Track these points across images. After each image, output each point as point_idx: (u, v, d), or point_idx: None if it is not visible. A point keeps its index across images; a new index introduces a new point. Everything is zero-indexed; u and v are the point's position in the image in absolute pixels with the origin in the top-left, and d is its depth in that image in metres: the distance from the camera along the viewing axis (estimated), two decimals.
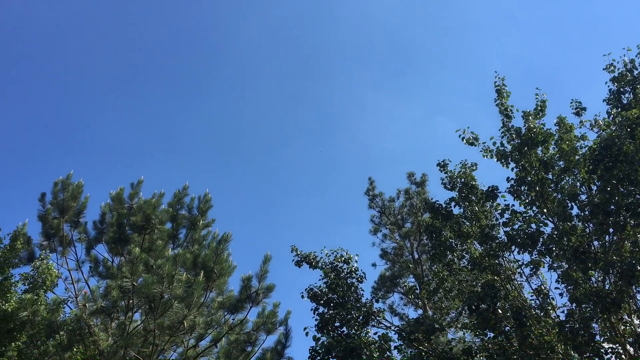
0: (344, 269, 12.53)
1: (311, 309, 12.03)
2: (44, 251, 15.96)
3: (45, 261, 15.76)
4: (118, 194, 16.42)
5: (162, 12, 49.83)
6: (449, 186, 12.87)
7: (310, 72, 53.70)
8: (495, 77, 12.99)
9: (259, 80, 52.43)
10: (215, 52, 51.68)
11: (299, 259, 12.97)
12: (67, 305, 14.64)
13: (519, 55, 50.31)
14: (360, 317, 11.64)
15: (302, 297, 12.29)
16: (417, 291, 17.85)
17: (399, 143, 51.72)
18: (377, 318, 12.05)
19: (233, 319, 13.75)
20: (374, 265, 23.47)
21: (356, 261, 12.65)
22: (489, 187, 12.37)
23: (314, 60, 53.34)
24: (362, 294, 12.31)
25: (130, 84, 49.90)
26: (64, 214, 15.94)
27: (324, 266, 12.64)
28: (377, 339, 11.26)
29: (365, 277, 12.48)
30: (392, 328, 12.40)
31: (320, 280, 12.52)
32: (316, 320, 11.82)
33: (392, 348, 11.16)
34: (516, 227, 11.67)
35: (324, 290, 12.21)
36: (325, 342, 10.74)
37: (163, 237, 14.84)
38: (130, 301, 13.10)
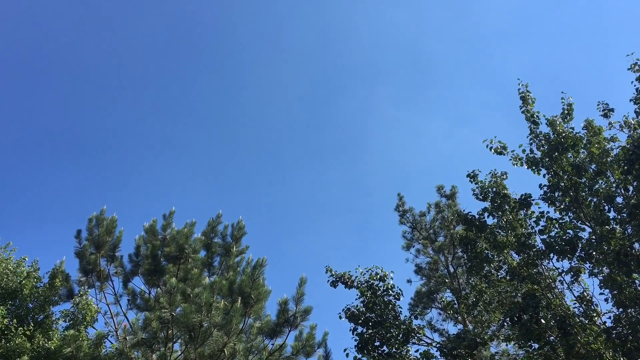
0: (380, 286, 12.45)
1: (350, 329, 11.97)
2: (82, 287, 16.24)
3: (84, 297, 16.03)
4: (151, 225, 16.69)
5: (180, 46, 50.85)
6: (480, 197, 12.73)
7: (329, 95, 54.03)
8: (519, 85, 12.92)
9: (281, 106, 52.92)
10: (235, 83, 52.43)
11: (334, 279, 12.93)
12: (108, 340, 14.81)
13: (537, 62, 49.91)
14: (400, 335, 11.52)
15: (340, 317, 12.24)
16: (456, 305, 17.61)
17: (424, 157, 51.46)
18: (417, 335, 11.89)
19: (272, 344, 13.71)
20: (409, 281, 23.22)
21: (392, 278, 12.58)
22: (521, 195, 12.20)
23: (333, 82, 53.71)
24: (400, 311, 12.20)
25: (153, 114, 50.86)
26: (100, 249, 16.23)
27: (359, 285, 12.58)
28: (418, 356, 11.13)
29: (402, 294, 12.38)
30: (433, 345, 12.23)
31: (356, 299, 12.47)
32: (355, 340, 11.73)
33: None
34: (553, 234, 11.46)
35: (361, 309, 12.14)
36: None
37: (197, 265, 14.96)
38: (170, 332, 13.19)
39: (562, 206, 11.88)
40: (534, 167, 12.31)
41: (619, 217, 11.08)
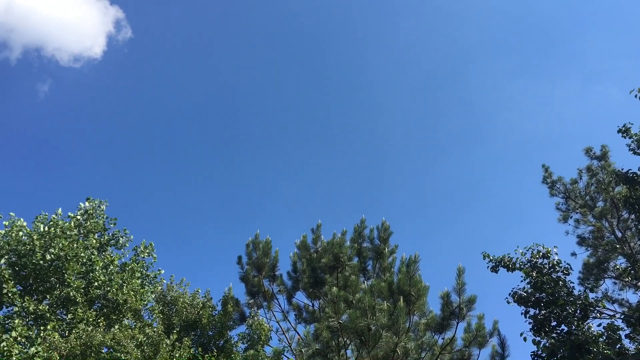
0: (545, 264, 11.85)
1: (521, 313, 11.55)
2: (252, 309, 17.33)
3: (255, 318, 17.09)
4: (302, 241, 17.45)
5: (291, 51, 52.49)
6: (638, 150, 11.70)
7: (448, 80, 52.55)
8: None
9: (395, 103, 52.34)
10: (349, 80, 52.90)
11: (493, 264, 12.53)
12: (285, 355, 15.61)
13: None
14: (578, 311, 10.87)
15: (508, 302, 11.85)
16: (632, 271, 16.20)
17: (560, 123, 48.11)
18: (597, 308, 11.14)
19: (442, 339, 13.57)
20: (573, 254, 21.76)
21: (556, 254, 11.92)
22: None
23: (450, 66, 52.19)
24: (573, 287, 11.52)
25: (283, 134, 52.92)
26: (261, 271, 17.19)
27: (522, 266, 12.07)
28: (602, 330, 10.41)
29: (571, 268, 11.68)
30: (617, 316, 11.38)
31: (521, 281, 11.98)
32: (529, 323, 11.28)
33: (623, 337, 10.22)
34: None
35: (529, 291, 11.64)
36: (547, 344, 10.16)
37: (354, 272, 15.28)
38: (340, 339, 13.57)
39: None
40: None
41: None
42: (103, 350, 14.57)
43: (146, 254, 19.40)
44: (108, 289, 16.88)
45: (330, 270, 16.12)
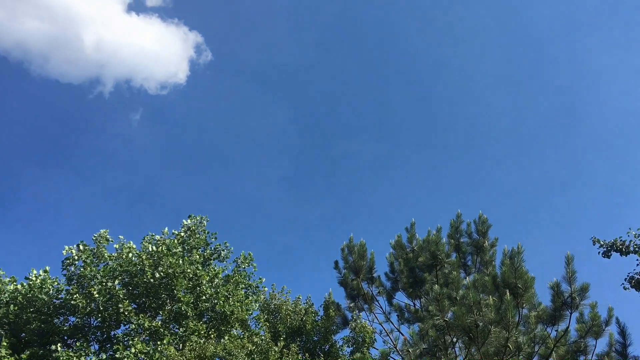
0: None
1: None
2: (353, 312, 17.44)
3: (358, 321, 17.19)
4: (397, 241, 17.36)
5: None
6: None
7: (531, 64, 50.27)
8: None
9: (482, 92, 50.73)
10: (436, 85, 52.00)
11: (605, 249, 11.91)
12: (391, 357, 15.56)
13: None
14: None
15: (625, 288, 11.23)
16: None
17: None
18: None
19: (555, 331, 13.03)
20: None
21: None
22: None
23: (529, 49, 49.97)
24: None
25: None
26: (359, 274, 17.27)
27: (637, 249, 11.38)
28: None
29: None
30: None
31: (638, 265, 11.30)
32: None
33: None
34: None
35: None
36: None
37: (454, 268, 15.01)
38: (447, 337, 13.35)
39: None
40: None
41: None
42: None
43: (246, 265, 20.04)
44: (215, 301, 17.57)
45: (429, 269, 15.93)
